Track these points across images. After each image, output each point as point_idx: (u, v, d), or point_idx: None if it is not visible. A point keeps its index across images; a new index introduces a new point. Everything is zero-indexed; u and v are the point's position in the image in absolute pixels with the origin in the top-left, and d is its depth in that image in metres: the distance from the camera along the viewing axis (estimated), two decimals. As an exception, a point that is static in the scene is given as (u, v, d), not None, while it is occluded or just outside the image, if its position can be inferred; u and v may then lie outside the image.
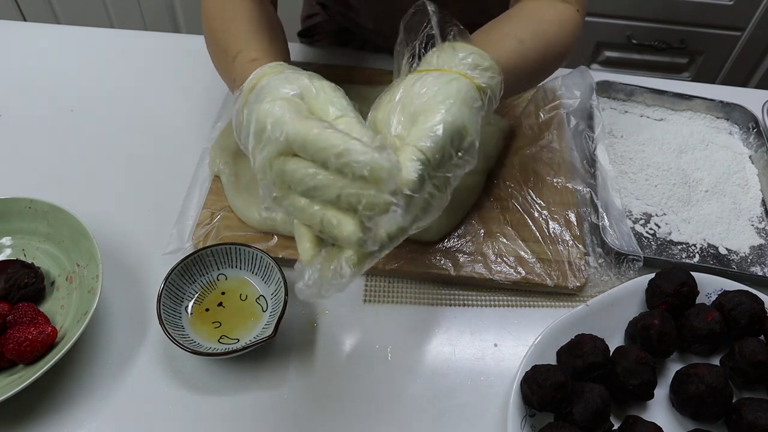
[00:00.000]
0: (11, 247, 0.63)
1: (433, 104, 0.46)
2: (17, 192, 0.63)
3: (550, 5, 0.63)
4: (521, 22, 0.61)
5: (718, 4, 1.42)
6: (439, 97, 0.46)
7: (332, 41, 0.97)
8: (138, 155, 0.74)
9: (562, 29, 0.62)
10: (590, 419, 0.51)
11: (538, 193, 0.71)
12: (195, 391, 0.56)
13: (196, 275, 0.60)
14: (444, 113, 0.45)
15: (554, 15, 0.63)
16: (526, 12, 0.63)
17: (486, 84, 0.50)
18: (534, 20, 0.62)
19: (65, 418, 0.53)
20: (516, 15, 0.63)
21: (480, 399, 0.56)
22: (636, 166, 0.76)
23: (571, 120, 0.79)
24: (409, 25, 0.51)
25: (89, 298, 0.56)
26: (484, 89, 0.50)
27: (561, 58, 0.64)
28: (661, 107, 0.85)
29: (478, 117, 0.48)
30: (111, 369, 0.56)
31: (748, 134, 0.82)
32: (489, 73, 0.50)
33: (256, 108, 0.44)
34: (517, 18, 0.62)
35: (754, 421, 0.51)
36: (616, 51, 1.55)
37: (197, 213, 0.67)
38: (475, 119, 0.48)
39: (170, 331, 0.54)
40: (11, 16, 1.64)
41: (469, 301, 0.63)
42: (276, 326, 0.54)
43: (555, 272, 0.64)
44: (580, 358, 0.54)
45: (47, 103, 0.80)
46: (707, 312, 0.58)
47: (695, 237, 0.70)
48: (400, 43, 0.52)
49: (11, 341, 0.53)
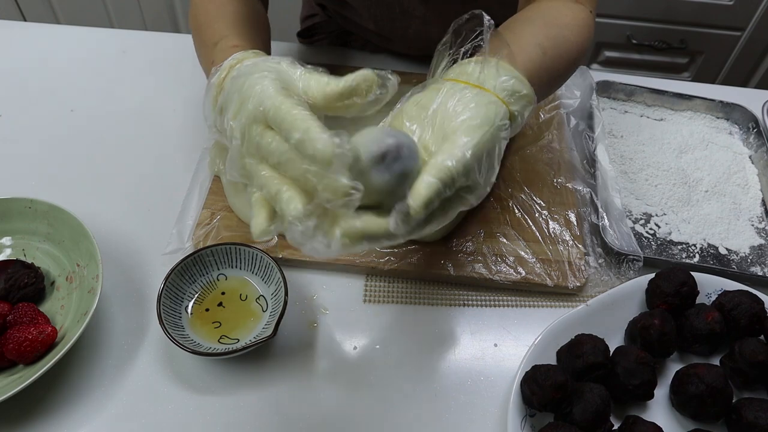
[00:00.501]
0: (11, 247, 0.63)
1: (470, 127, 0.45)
2: (17, 192, 0.63)
3: (565, 5, 0.62)
4: (542, 28, 0.59)
5: (718, 4, 1.42)
6: (477, 120, 0.45)
7: (332, 42, 0.97)
8: (138, 155, 0.74)
9: (580, 34, 0.61)
10: (590, 419, 0.51)
11: (538, 193, 0.71)
12: (195, 391, 0.56)
13: (196, 275, 0.60)
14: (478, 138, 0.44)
15: (571, 18, 0.61)
16: (543, 14, 0.61)
17: (518, 112, 0.49)
18: (554, 25, 0.59)
19: (65, 418, 0.53)
20: (535, 18, 0.60)
21: (480, 399, 0.56)
22: (636, 166, 0.76)
23: (571, 120, 0.79)
24: (459, 29, 0.50)
25: (89, 298, 0.56)
26: (515, 117, 0.49)
27: (577, 64, 0.62)
28: (661, 107, 0.85)
29: (503, 145, 0.48)
30: (111, 369, 0.56)
31: (748, 134, 0.82)
32: (524, 101, 0.50)
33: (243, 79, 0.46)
34: (537, 22, 0.60)
35: (754, 421, 0.51)
36: (616, 51, 1.55)
37: (197, 213, 0.67)
38: (502, 147, 0.48)
39: (170, 331, 0.54)
40: (11, 16, 1.64)
41: (469, 301, 0.63)
42: (276, 326, 0.54)
43: (555, 272, 0.64)
44: (580, 358, 0.54)
45: (47, 103, 0.80)
46: (707, 312, 0.58)
47: (695, 237, 0.70)
48: (443, 44, 0.51)
49: (11, 341, 0.53)
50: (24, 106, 0.80)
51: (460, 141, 0.44)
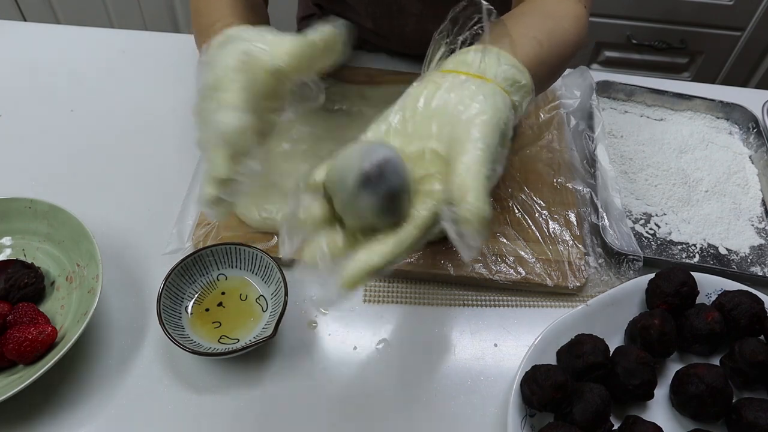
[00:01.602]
0: (11, 247, 0.63)
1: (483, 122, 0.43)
2: (17, 192, 0.63)
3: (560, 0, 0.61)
4: (538, 21, 0.58)
5: (718, 4, 1.42)
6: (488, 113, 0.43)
7: None
8: (138, 155, 0.74)
9: (575, 27, 0.60)
10: (590, 419, 0.51)
11: (538, 193, 0.71)
12: (195, 391, 0.56)
13: (196, 275, 0.60)
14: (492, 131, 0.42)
15: (566, 12, 0.60)
16: (539, 8, 0.60)
17: (518, 103, 0.48)
18: (550, 17, 0.59)
19: (65, 418, 0.53)
20: (531, 12, 0.60)
21: (480, 399, 0.56)
22: (636, 166, 0.76)
23: (571, 120, 0.79)
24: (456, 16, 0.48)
25: (89, 298, 0.56)
26: (516, 107, 0.48)
27: (571, 58, 0.61)
28: (661, 107, 0.85)
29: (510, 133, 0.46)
30: (111, 369, 0.56)
31: (748, 134, 0.82)
32: (523, 92, 0.48)
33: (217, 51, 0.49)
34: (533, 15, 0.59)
35: (754, 421, 0.51)
36: (616, 51, 1.55)
37: (197, 213, 0.67)
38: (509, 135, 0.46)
39: (170, 331, 0.54)
40: (11, 16, 1.64)
41: (469, 301, 0.63)
42: (276, 326, 0.54)
43: (555, 272, 0.64)
44: (580, 358, 0.54)
45: (47, 103, 0.80)
46: (707, 312, 0.58)
47: (695, 237, 0.70)
48: (440, 32, 0.49)
49: (11, 341, 0.53)
50: (24, 106, 0.79)
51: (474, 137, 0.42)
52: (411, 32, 0.82)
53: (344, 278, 0.40)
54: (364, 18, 0.84)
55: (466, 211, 0.40)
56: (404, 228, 0.42)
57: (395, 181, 0.41)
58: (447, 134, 0.44)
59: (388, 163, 0.41)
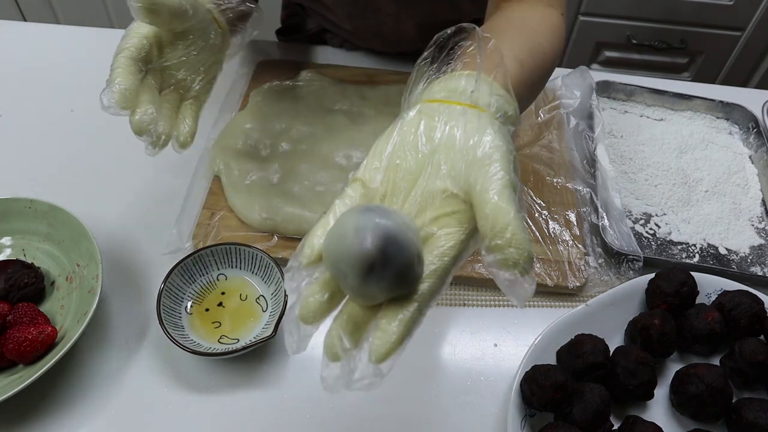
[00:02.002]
0: (11, 247, 0.63)
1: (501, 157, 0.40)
2: (17, 192, 0.63)
3: (535, 10, 0.59)
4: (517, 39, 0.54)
5: (718, 4, 1.42)
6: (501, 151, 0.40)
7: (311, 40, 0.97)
8: (138, 155, 0.74)
9: (553, 41, 0.57)
10: (590, 419, 0.51)
11: (538, 193, 0.71)
12: (195, 391, 0.56)
13: (196, 275, 0.60)
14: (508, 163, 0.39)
15: (544, 25, 0.58)
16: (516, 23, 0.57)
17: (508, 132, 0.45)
18: (528, 34, 0.56)
19: (65, 418, 0.53)
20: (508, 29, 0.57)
21: (480, 399, 0.56)
22: (636, 166, 0.76)
23: (571, 120, 0.79)
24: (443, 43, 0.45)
25: (89, 298, 0.56)
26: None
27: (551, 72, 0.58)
28: (661, 107, 0.85)
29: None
30: (111, 369, 0.56)
31: (748, 134, 0.82)
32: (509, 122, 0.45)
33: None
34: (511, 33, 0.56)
35: (754, 421, 0.51)
36: (616, 51, 1.55)
37: (197, 213, 0.67)
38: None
39: (170, 331, 0.54)
40: (11, 16, 1.64)
41: (469, 301, 0.63)
42: (276, 326, 0.54)
43: (555, 272, 0.64)
44: (580, 358, 0.54)
45: (47, 103, 0.80)
46: (707, 312, 0.58)
47: (695, 237, 0.70)
48: (424, 59, 0.45)
49: (11, 341, 0.53)
50: (24, 106, 0.79)
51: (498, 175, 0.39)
52: (388, 32, 0.83)
53: (375, 353, 0.37)
54: (342, 18, 0.85)
55: (511, 254, 0.36)
56: (425, 281, 0.38)
57: (402, 259, 0.36)
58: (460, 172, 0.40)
59: (390, 242, 0.35)
